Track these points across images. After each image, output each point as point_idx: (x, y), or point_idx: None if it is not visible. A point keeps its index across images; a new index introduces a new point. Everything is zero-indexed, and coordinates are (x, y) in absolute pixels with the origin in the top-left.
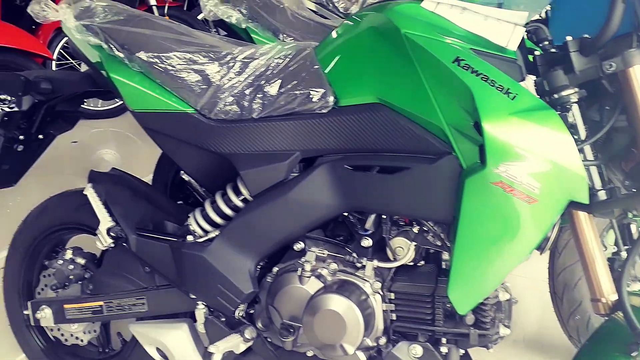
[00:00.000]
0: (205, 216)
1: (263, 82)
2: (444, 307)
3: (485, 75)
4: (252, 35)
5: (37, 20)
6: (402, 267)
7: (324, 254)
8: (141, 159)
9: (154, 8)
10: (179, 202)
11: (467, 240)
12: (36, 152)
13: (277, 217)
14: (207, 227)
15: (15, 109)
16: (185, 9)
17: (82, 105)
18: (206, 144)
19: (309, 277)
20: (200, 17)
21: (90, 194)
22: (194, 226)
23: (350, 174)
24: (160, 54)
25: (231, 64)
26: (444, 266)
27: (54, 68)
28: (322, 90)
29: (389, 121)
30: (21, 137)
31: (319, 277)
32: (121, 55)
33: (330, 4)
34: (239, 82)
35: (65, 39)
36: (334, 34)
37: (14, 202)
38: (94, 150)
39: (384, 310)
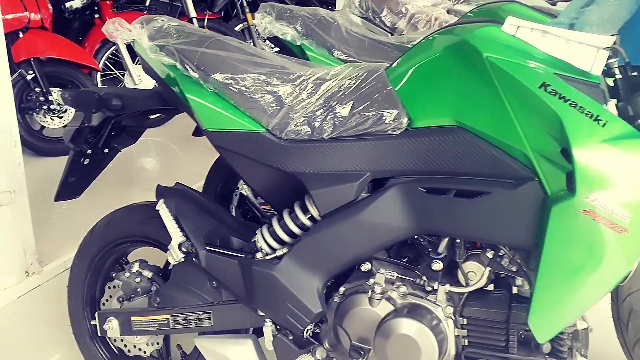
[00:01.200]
0: (273, 234)
1: (334, 103)
2: (518, 333)
3: (573, 102)
4: (306, 52)
5: (111, 40)
6: (473, 292)
7: (393, 276)
8: (181, 169)
9: (194, 20)
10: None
11: (551, 268)
12: (100, 165)
13: (347, 237)
14: (274, 244)
15: (86, 124)
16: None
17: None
18: (276, 163)
19: (379, 299)
20: (237, 28)
21: (163, 209)
22: (261, 243)
23: (424, 196)
24: (236, 76)
25: (303, 85)
26: (514, 291)
27: (99, 79)
28: (395, 112)
29: (468, 145)
30: (89, 151)
31: (389, 299)
32: (196, 75)
33: (377, 19)
34: (311, 103)
35: (111, 49)
36: (407, 56)
37: (59, 207)
38: (137, 159)
39: (456, 336)
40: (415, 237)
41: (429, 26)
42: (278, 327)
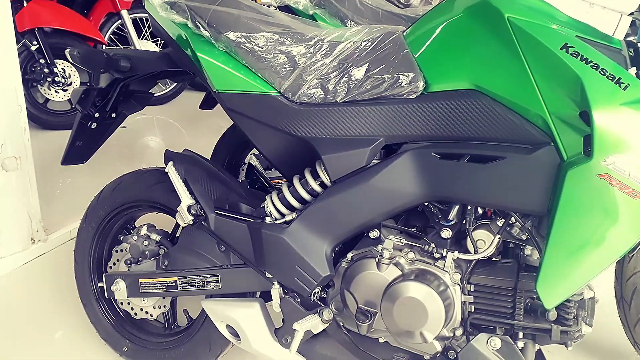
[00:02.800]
0: (282, 199)
1: (349, 65)
2: (525, 301)
3: (595, 64)
4: (319, 22)
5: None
6: (481, 260)
7: (401, 242)
8: (186, 147)
9: None
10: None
11: (563, 233)
12: (108, 130)
13: (357, 203)
14: (283, 210)
15: (94, 85)
16: None
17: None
18: (288, 127)
19: (387, 264)
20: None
21: (172, 171)
22: (270, 208)
23: (437, 162)
24: (248, 34)
25: (318, 46)
26: (522, 262)
27: None
28: (412, 75)
29: (485, 109)
30: (96, 114)
31: (397, 265)
32: (207, 34)
33: None
34: (325, 65)
35: (116, 23)
36: (425, 18)
37: (64, 180)
38: (141, 136)
39: (462, 302)
40: (426, 204)
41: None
42: (285, 290)
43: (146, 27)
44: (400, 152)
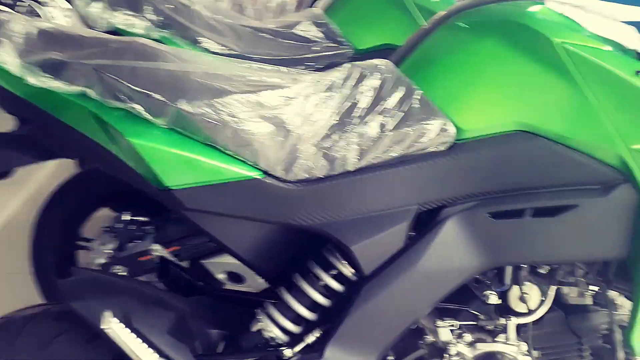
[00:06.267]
0: (286, 311)
1: (354, 120)
2: (590, 351)
3: None
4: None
5: None
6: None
7: (454, 326)
8: None
9: None
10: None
11: None
12: None
13: (405, 297)
14: (290, 327)
15: None
16: None
17: None
18: (285, 217)
19: None
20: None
21: (116, 327)
22: (271, 330)
23: (493, 223)
24: (213, 100)
25: (308, 101)
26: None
27: None
28: (439, 122)
29: (539, 152)
30: None
31: (464, 357)
32: (139, 107)
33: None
34: (322, 127)
35: None
36: (427, 47)
37: None
38: None
39: None
40: None
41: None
42: None
43: None
44: (441, 218)
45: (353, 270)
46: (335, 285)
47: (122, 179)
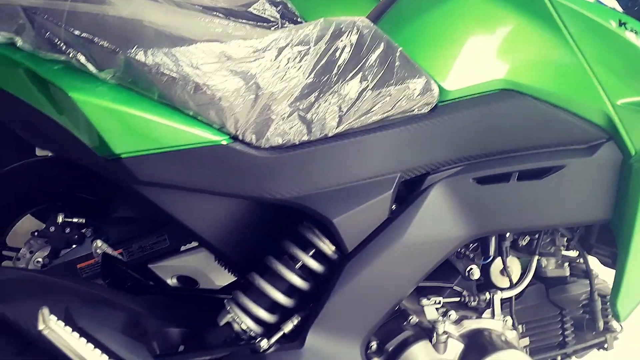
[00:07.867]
0: (259, 299)
1: (332, 80)
2: (571, 322)
3: None
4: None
5: None
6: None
7: (439, 303)
8: None
9: None
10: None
11: None
12: None
13: (390, 272)
14: (265, 316)
15: None
16: None
17: None
18: (257, 189)
19: (445, 341)
20: None
21: (56, 328)
22: (242, 320)
23: (478, 189)
24: (173, 49)
25: (283, 58)
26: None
27: None
28: (422, 80)
29: (526, 111)
30: None
31: (451, 336)
32: (82, 58)
33: None
34: (298, 85)
35: None
36: (405, 1)
37: None
38: None
39: (524, 348)
40: None
41: None
42: None
43: None
44: (425, 187)
45: (334, 248)
46: (314, 265)
47: (59, 152)
